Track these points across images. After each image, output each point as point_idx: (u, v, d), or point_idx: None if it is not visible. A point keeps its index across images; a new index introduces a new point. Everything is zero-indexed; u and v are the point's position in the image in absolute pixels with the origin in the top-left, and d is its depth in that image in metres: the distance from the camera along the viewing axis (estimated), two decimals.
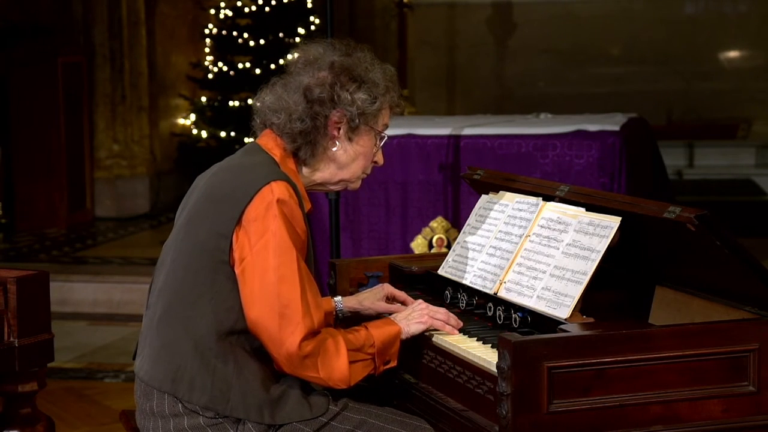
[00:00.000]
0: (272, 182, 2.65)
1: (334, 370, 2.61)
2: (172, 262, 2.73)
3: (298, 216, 2.67)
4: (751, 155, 10.29)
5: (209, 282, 2.64)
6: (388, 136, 2.88)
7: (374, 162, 2.88)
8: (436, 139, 5.41)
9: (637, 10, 11.40)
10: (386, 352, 2.72)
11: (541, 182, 3.20)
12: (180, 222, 2.79)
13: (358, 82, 2.77)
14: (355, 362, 2.65)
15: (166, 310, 2.69)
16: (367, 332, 2.70)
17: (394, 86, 2.84)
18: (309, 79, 2.77)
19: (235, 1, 10.08)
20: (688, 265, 2.72)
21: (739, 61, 11.43)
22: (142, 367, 2.73)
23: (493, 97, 11.58)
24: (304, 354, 2.57)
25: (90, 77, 9.63)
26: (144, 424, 2.72)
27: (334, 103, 2.75)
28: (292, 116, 2.75)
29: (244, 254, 2.61)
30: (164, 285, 2.73)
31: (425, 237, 5.47)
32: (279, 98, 2.78)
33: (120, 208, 9.82)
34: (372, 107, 2.78)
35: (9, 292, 3.18)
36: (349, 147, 2.81)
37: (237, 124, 9.85)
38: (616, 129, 5.38)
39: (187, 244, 2.70)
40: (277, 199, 2.62)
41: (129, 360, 5.95)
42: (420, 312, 2.81)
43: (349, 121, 2.77)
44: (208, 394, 2.61)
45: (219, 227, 2.64)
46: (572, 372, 2.40)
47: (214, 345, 2.62)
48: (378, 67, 2.82)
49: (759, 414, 2.52)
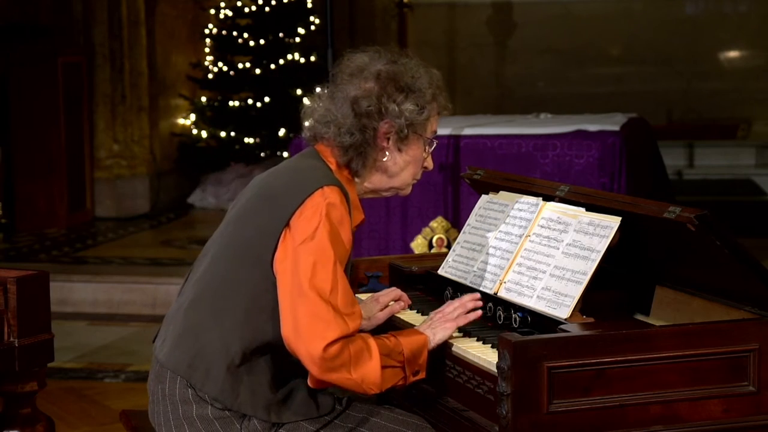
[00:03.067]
0: (325, 186, 2.64)
1: (368, 373, 2.58)
2: (214, 254, 2.74)
3: (345, 223, 2.66)
4: (751, 155, 10.28)
5: (247, 278, 2.64)
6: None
7: (424, 167, 2.88)
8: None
9: (637, 10, 11.40)
10: (415, 361, 2.69)
11: (541, 182, 3.20)
12: (229, 217, 2.79)
13: (405, 92, 2.75)
14: (386, 367, 2.62)
15: (198, 298, 2.70)
16: (396, 340, 2.68)
17: (441, 92, 2.82)
18: (356, 91, 2.74)
19: (235, 1, 10.08)
20: (688, 265, 2.72)
21: (739, 61, 11.43)
22: (161, 349, 2.73)
23: (493, 97, 11.58)
24: (334, 355, 2.54)
25: (90, 77, 9.63)
26: (153, 409, 2.73)
27: (382, 115, 2.74)
28: (341, 129, 2.74)
29: (287, 254, 2.61)
30: (202, 275, 2.73)
31: (425, 237, 5.47)
32: (327, 111, 2.76)
33: (120, 208, 9.82)
34: (420, 117, 2.77)
35: (9, 292, 3.18)
36: (399, 157, 2.80)
37: (237, 124, 9.86)
38: (616, 129, 5.39)
39: (233, 238, 2.71)
40: (328, 203, 2.62)
41: (129, 360, 5.95)
42: (441, 318, 2.77)
43: (398, 132, 2.76)
44: (220, 386, 2.62)
45: (267, 226, 2.64)
46: (572, 372, 2.40)
47: (238, 341, 2.63)
48: (424, 73, 2.81)
49: (759, 414, 2.53)
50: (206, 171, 10.19)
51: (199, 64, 10.27)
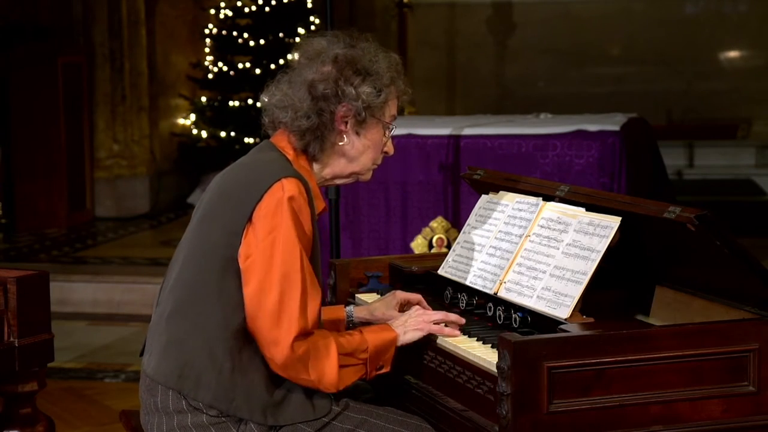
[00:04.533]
0: (283, 179, 2.64)
1: (324, 373, 2.60)
2: (184, 259, 2.73)
3: (306, 214, 2.66)
4: (751, 155, 10.29)
5: (219, 279, 2.64)
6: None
7: (385, 152, 2.87)
8: (436, 139, 5.41)
9: (637, 10, 11.41)
10: (379, 358, 2.71)
11: (541, 182, 3.20)
12: (194, 221, 2.79)
13: (362, 75, 2.75)
14: (345, 366, 2.64)
15: (176, 307, 2.69)
16: (362, 337, 2.69)
17: (399, 75, 2.82)
18: (313, 75, 2.75)
19: (235, 1, 10.08)
20: (688, 265, 2.72)
21: (739, 61, 11.43)
22: (149, 363, 2.72)
23: (493, 97, 11.58)
24: (296, 355, 2.57)
25: (90, 77, 9.63)
26: (147, 420, 2.72)
27: (339, 98, 2.74)
28: (298, 113, 2.74)
29: (251, 250, 2.61)
30: (176, 282, 2.73)
31: (425, 237, 5.47)
32: (285, 95, 2.77)
33: (120, 208, 9.82)
34: (377, 100, 2.77)
35: (9, 292, 3.18)
36: (357, 140, 2.80)
37: (237, 124, 9.86)
38: (616, 129, 5.38)
39: (199, 242, 2.71)
40: (288, 196, 2.62)
41: (129, 360, 5.95)
42: (416, 319, 2.79)
43: (355, 115, 2.76)
44: (213, 392, 2.61)
45: (231, 225, 2.64)
46: (572, 372, 2.40)
47: (223, 343, 2.62)
48: (382, 57, 2.80)
49: (759, 414, 2.52)
50: (206, 171, 10.18)
51: (199, 64, 10.28)
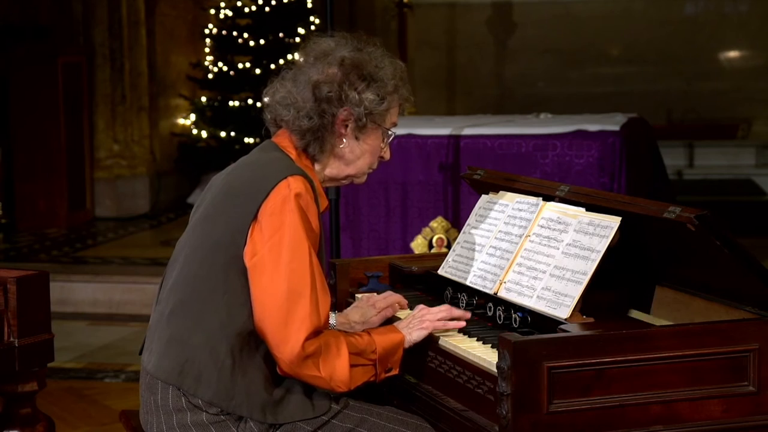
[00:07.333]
0: (289, 177, 2.64)
1: (335, 371, 2.60)
2: (186, 257, 2.73)
3: (313, 211, 2.66)
4: (751, 155, 10.30)
5: (223, 277, 2.64)
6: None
7: (381, 158, 2.87)
8: (436, 139, 5.41)
9: (637, 10, 11.41)
10: (388, 360, 2.71)
11: (541, 182, 3.20)
12: (195, 219, 2.78)
13: (367, 81, 2.75)
14: (355, 366, 2.64)
15: (178, 304, 2.69)
16: (370, 338, 2.70)
17: (403, 83, 2.82)
18: (318, 76, 2.75)
19: (235, 1, 10.08)
20: (688, 265, 2.72)
21: (739, 61, 11.43)
22: (150, 360, 2.72)
23: (493, 97, 11.59)
24: (306, 353, 2.56)
25: (90, 77, 9.63)
26: (147, 419, 2.72)
27: (342, 102, 2.74)
28: (300, 113, 2.74)
29: (257, 249, 2.61)
30: (177, 280, 2.72)
31: (425, 237, 5.47)
32: (289, 93, 2.77)
33: (120, 208, 9.82)
34: (380, 107, 2.77)
35: (9, 292, 3.18)
36: (356, 145, 2.80)
37: (237, 124, 9.86)
38: (616, 129, 5.38)
39: (202, 239, 2.70)
40: (295, 193, 2.62)
41: (129, 360, 5.95)
42: (420, 318, 2.80)
43: (356, 120, 2.76)
44: (213, 390, 2.61)
45: (236, 223, 2.64)
46: (572, 372, 2.40)
47: (225, 341, 2.62)
48: (388, 63, 2.80)
49: (759, 414, 2.52)
50: (206, 171, 10.17)
51: (199, 64, 10.27)
